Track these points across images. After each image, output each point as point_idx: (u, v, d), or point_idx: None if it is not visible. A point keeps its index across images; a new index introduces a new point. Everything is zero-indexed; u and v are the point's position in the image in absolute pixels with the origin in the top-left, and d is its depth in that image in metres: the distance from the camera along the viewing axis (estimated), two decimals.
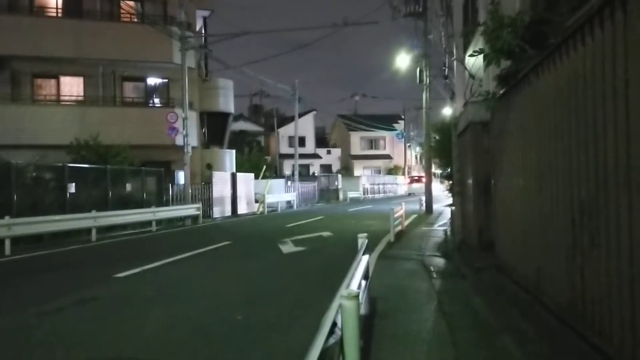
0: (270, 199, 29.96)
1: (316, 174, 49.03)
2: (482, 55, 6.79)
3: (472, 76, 10.45)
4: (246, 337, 5.40)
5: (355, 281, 4.34)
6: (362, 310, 5.42)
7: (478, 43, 8.69)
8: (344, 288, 3.51)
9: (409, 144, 63.65)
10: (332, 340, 2.83)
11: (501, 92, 7.14)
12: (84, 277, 9.40)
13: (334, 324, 2.96)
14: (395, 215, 14.52)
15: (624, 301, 3.43)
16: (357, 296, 3.05)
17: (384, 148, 66.11)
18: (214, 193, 24.52)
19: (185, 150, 22.21)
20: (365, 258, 6.05)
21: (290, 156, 41.94)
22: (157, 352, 5.08)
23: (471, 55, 7.80)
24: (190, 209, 21.94)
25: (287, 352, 4.95)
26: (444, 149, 18.31)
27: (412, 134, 62.66)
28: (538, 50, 5.56)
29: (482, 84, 9.76)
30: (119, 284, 8.57)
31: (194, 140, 24.77)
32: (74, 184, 16.49)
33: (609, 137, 3.62)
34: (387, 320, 5.99)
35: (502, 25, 6.19)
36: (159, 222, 19.56)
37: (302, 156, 44.21)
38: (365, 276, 5.97)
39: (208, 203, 24.32)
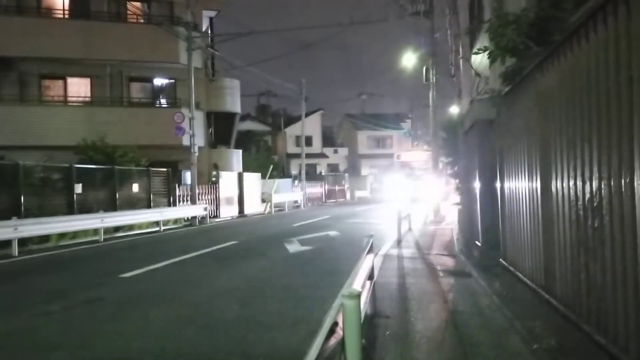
0: (277, 198, 29.98)
1: (323, 174, 48.97)
2: (487, 52, 6.76)
3: (478, 74, 10.42)
4: (249, 337, 5.40)
5: (359, 280, 4.33)
6: (367, 310, 5.42)
7: (484, 41, 8.64)
8: (346, 287, 3.50)
9: (416, 143, 63.37)
10: (333, 340, 2.82)
11: (506, 89, 7.10)
12: (90, 277, 9.44)
13: (335, 324, 2.95)
14: (403, 215, 14.49)
15: (628, 300, 3.40)
16: (358, 295, 3.04)
17: (392, 147, 65.88)
18: (221, 193, 24.59)
19: (192, 150, 22.27)
20: (370, 257, 6.04)
21: (298, 156, 41.95)
22: (163, 350, 5.09)
23: (476, 53, 7.76)
24: (197, 209, 21.99)
25: (289, 350, 4.95)
26: (451, 147, 18.24)
27: (419, 132, 62.39)
28: (543, 48, 5.51)
29: (488, 81, 9.73)
30: (125, 284, 8.60)
31: (200, 140, 24.82)
32: (81, 184, 16.58)
33: (612, 134, 3.58)
34: (393, 320, 5.97)
35: (506, 22, 6.14)
36: (166, 222, 19.61)
37: (309, 156, 44.16)
38: (370, 276, 5.96)
39: (215, 203, 24.39)
